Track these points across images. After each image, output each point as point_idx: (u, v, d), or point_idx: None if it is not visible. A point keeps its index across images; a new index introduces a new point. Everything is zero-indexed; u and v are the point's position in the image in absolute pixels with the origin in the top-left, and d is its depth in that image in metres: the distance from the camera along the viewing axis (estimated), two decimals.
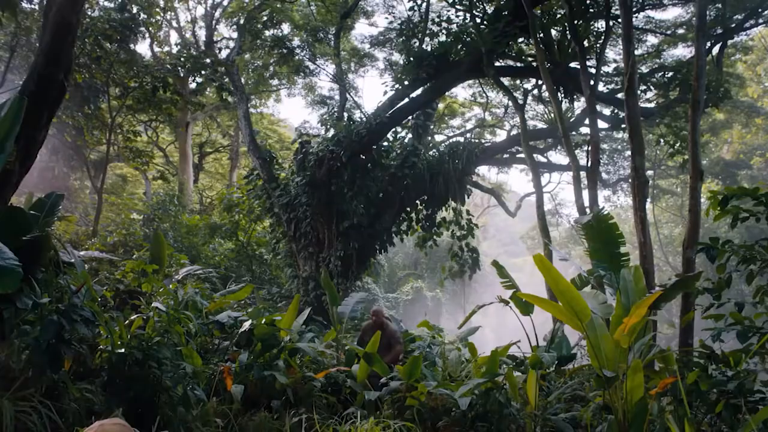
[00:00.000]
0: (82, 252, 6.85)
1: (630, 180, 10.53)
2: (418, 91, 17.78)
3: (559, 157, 26.50)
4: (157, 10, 19.33)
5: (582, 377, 8.64)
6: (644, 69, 18.75)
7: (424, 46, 18.09)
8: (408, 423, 5.29)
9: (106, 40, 14.41)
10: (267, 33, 19.80)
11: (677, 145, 15.12)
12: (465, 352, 9.53)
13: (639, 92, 15.23)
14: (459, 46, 16.25)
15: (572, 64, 16.56)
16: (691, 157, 9.12)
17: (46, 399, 4.58)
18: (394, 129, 18.93)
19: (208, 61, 17.37)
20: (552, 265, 4.52)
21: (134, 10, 16.84)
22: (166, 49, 26.85)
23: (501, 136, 27.06)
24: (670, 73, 17.12)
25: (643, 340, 4.84)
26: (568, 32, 15.63)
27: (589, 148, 13.91)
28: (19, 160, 7.76)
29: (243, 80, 21.31)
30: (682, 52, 20.18)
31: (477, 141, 21.65)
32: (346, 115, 19.55)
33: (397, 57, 22.24)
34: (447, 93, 25.15)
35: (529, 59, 18.07)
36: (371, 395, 6.17)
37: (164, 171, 25.70)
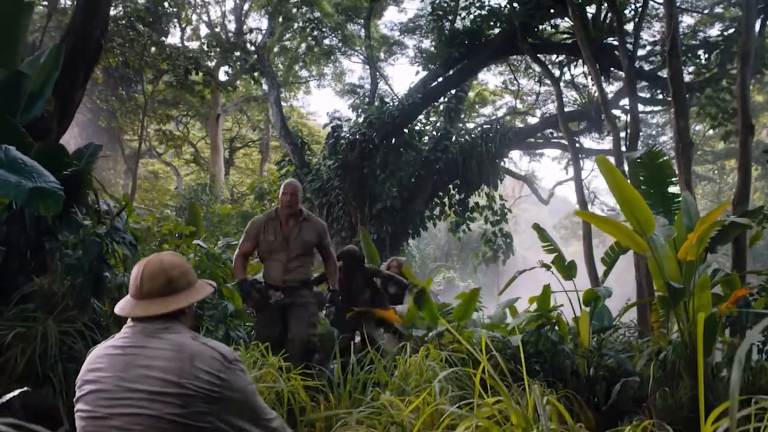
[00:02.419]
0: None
1: (674, 143, 10.21)
2: (450, 72, 17.57)
3: (592, 143, 26.12)
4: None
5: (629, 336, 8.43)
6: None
7: (455, 24, 17.90)
8: (460, 353, 5.10)
9: (139, 21, 14.52)
10: (299, 15, 19.78)
11: (719, 117, 14.72)
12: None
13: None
14: (492, 22, 16.03)
15: (606, 42, 16.28)
16: (741, 112, 8.81)
17: (91, 324, 4.50)
18: (426, 111, 18.78)
19: (238, 43, 17.38)
20: (615, 168, 4.29)
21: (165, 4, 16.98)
22: (197, 44, 27.09)
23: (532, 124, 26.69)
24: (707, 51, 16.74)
25: (706, 262, 4.60)
26: (603, 7, 15.34)
27: (628, 120, 13.61)
28: (57, 119, 7.75)
29: (273, 71, 21.34)
30: (719, 32, 19.68)
31: (510, 125, 21.44)
32: (377, 99, 19.42)
33: (427, 44, 22.08)
34: (477, 81, 24.96)
35: (562, 36, 17.80)
36: (418, 332, 6.01)
37: (196, 158, 25.78)
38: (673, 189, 6.36)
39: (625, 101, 19.71)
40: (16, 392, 2.02)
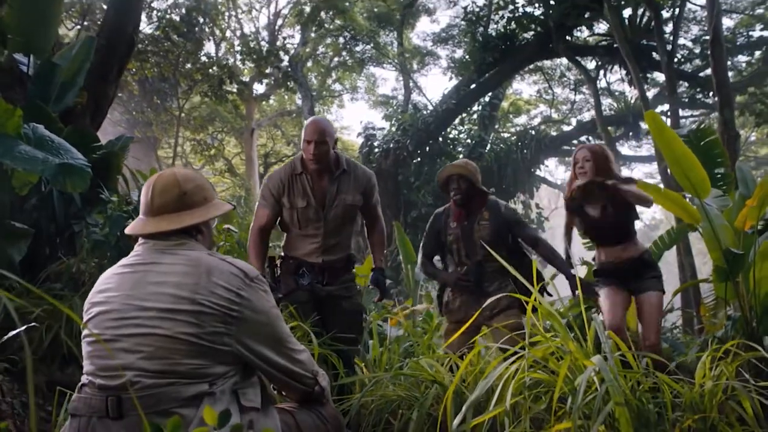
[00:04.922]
0: None
1: (719, 135, 9.83)
2: (484, 77, 17.37)
3: (629, 151, 25.53)
4: (221, 9, 19.63)
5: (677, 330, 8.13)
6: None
7: (488, 30, 17.73)
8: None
9: (174, 31, 14.68)
10: (331, 25, 19.87)
11: (765, 113, 14.27)
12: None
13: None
14: (526, 23, 15.81)
15: (643, 44, 15.93)
16: None
17: None
18: (460, 120, 18.60)
19: (272, 51, 17.49)
20: (665, 124, 4.02)
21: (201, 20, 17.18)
22: (231, 59, 27.30)
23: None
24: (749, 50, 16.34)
25: (765, 234, 4.28)
26: (639, 6, 15.04)
27: (668, 123, 13.25)
28: (90, 114, 7.74)
29: (306, 82, 21.38)
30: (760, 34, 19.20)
31: (544, 133, 21.12)
32: (410, 106, 19.32)
33: (460, 54, 21.95)
34: (511, 90, 24.69)
35: (597, 39, 17.53)
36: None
37: (230, 168, 26.00)
38: (722, 169, 6.02)
39: (663, 107, 19.32)
40: None
